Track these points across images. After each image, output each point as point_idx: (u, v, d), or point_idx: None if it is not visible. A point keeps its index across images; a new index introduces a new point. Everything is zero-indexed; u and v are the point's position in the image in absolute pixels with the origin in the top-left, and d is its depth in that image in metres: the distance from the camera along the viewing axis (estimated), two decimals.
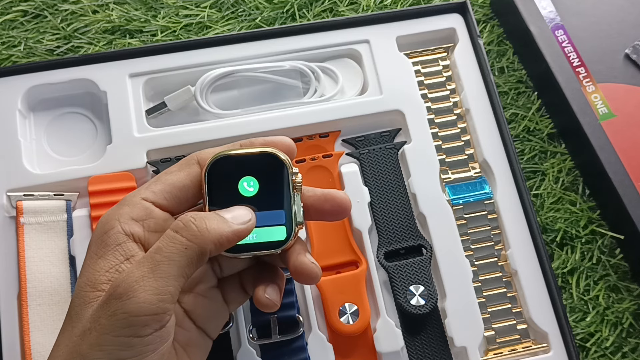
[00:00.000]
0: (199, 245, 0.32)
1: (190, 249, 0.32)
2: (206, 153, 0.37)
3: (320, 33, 0.53)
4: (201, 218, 0.32)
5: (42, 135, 0.51)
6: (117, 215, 0.34)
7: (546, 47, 0.53)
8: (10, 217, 0.46)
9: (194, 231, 0.32)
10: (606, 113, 0.51)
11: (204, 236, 0.32)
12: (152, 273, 0.31)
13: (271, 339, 0.43)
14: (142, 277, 0.30)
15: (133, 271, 0.31)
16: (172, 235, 0.32)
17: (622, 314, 0.48)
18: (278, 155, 0.36)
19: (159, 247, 0.32)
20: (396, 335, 0.45)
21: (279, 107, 0.51)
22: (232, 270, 0.38)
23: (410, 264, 0.46)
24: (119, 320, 0.30)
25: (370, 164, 0.49)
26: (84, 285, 0.33)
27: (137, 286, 0.30)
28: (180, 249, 0.31)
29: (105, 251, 0.33)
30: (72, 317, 0.32)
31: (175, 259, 0.31)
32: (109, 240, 0.33)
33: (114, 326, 0.30)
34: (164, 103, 0.50)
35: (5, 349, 0.43)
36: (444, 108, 0.52)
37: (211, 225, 0.32)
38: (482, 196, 0.49)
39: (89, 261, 0.33)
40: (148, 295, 0.30)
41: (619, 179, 0.48)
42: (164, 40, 0.55)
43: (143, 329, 0.30)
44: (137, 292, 0.30)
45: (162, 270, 0.31)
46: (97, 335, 0.30)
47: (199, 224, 0.32)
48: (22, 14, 0.57)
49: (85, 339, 0.31)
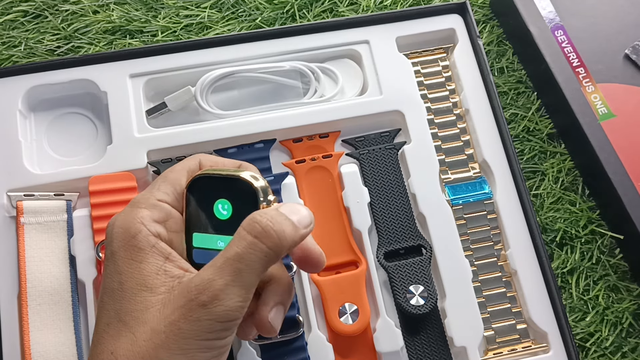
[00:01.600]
0: (277, 254, 0.32)
1: (269, 257, 0.32)
2: (207, 159, 0.38)
3: (320, 33, 0.53)
4: (278, 223, 0.32)
5: (43, 136, 0.51)
6: (139, 218, 0.34)
7: (546, 48, 0.53)
8: (10, 217, 0.46)
9: (274, 238, 0.32)
10: (606, 113, 0.51)
11: (282, 244, 0.32)
12: (235, 282, 0.31)
13: (271, 339, 0.43)
14: (226, 285, 0.31)
15: (214, 279, 0.31)
16: (252, 242, 0.32)
17: (621, 313, 0.48)
18: (250, 182, 0.35)
19: (239, 254, 0.32)
20: (396, 335, 0.45)
21: (279, 107, 0.51)
22: None
23: (410, 264, 0.46)
24: (204, 325, 0.31)
25: (370, 164, 0.50)
26: (139, 291, 0.32)
27: (224, 295, 0.31)
28: (260, 256, 0.32)
29: (144, 255, 0.33)
30: (127, 322, 0.32)
31: (256, 267, 0.32)
32: (141, 244, 0.33)
33: (198, 331, 0.31)
34: (164, 103, 0.50)
35: (5, 349, 0.43)
36: (443, 108, 0.52)
37: (286, 232, 0.33)
38: (481, 196, 0.49)
39: (127, 267, 0.33)
40: (234, 303, 0.31)
41: (619, 179, 0.48)
42: (164, 40, 0.55)
43: (225, 332, 0.31)
44: (223, 300, 0.31)
45: (244, 278, 0.31)
46: (177, 339, 0.31)
47: (277, 229, 0.32)
48: (23, 14, 0.57)
49: (158, 344, 0.31)
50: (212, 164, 0.39)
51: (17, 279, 0.45)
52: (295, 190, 0.48)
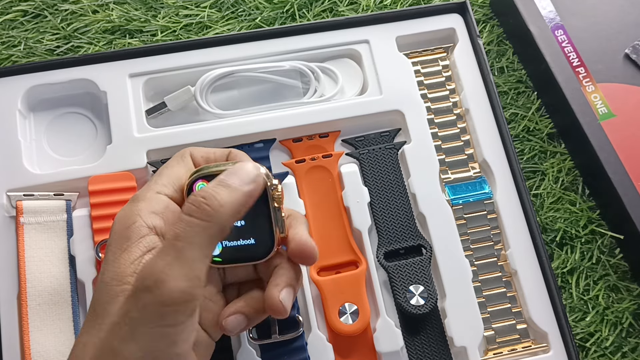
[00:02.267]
0: (217, 224, 0.32)
1: (209, 229, 0.31)
2: (197, 151, 0.38)
3: (320, 33, 0.53)
4: (211, 195, 0.32)
5: (42, 135, 0.51)
6: (137, 210, 0.34)
7: (546, 47, 0.53)
8: (10, 217, 0.46)
9: (208, 211, 0.32)
10: (606, 113, 0.51)
11: (220, 212, 0.32)
12: (177, 260, 0.30)
13: (271, 339, 0.43)
14: (167, 265, 0.30)
15: (157, 262, 0.31)
16: (188, 220, 0.31)
17: (621, 313, 0.48)
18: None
19: (177, 233, 0.31)
20: (396, 335, 0.45)
21: (278, 107, 0.51)
22: (233, 279, 0.39)
23: (410, 264, 0.46)
24: (151, 312, 0.30)
25: (370, 164, 0.50)
26: (110, 280, 0.32)
27: (165, 276, 0.30)
28: (198, 231, 0.31)
29: (129, 244, 0.33)
30: (97, 313, 0.32)
31: (196, 242, 0.31)
32: (132, 234, 0.33)
33: (147, 318, 0.30)
34: (164, 103, 0.50)
35: (5, 349, 0.43)
36: (443, 108, 0.52)
37: (223, 199, 0.32)
38: (481, 196, 0.49)
39: (111, 257, 0.33)
40: (178, 283, 0.30)
41: (619, 179, 0.48)
42: (164, 40, 0.55)
43: (176, 317, 0.30)
44: (165, 282, 0.30)
45: (186, 256, 0.31)
46: (129, 328, 0.30)
47: (210, 202, 0.32)
48: (22, 13, 0.57)
49: (115, 334, 0.31)
50: (203, 154, 0.39)
51: (16, 279, 0.45)
52: (295, 190, 0.48)
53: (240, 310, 0.36)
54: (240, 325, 0.36)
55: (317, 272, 0.46)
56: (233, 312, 0.36)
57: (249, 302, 0.37)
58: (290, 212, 0.39)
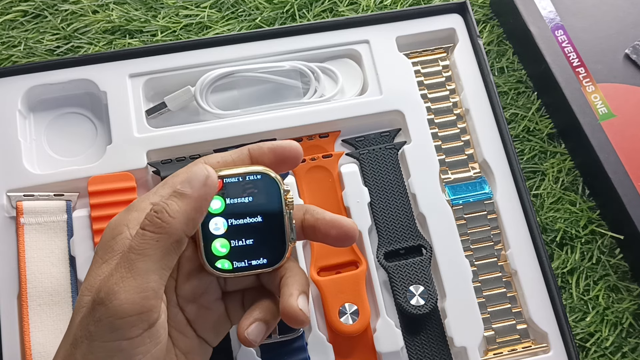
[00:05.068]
0: (170, 235, 0.31)
1: (162, 241, 0.31)
2: (213, 158, 0.36)
3: (320, 33, 0.53)
4: (161, 208, 0.32)
5: (42, 136, 0.51)
6: (126, 220, 0.33)
7: (546, 47, 0.53)
8: (10, 217, 0.46)
9: (160, 224, 0.31)
10: (606, 113, 0.51)
11: (172, 224, 0.31)
12: (129, 272, 0.30)
13: (271, 339, 0.43)
14: (120, 278, 0.30)
15: (112, 274, 0.31)
16: (141, 233, 0.31)
17: (622, 314, 0.48)
18: (269, 174, 0.35)
19: (132, 246, 0.31)
20: (396, 335, 0.45)
21: (278, 107, 0.51)
22: (236, 287, 0.38)
23: (410, 264, 0.46)
24: (105, 325, 0.30)
25: (370, 164, 0.50)
26: (83, 290, 0.32)
27: (117, 288, 0.30)
28: (152, 243, 0.31)
29: (111, 256, 0.32)
30: (70, 326, 0.32)
31: (149, 254, 0.31)
32: (116, 246, 0.33)
33: (101, 332, 0.30)
34: (164, 103, 0.50)
35: (5, 349, 0.43)
36: (443, 108, 0.52)
37: (173, 211, 0.32)
38: (481, 196, 0.49)
39: (93, 266, 0.33)
40: (130, 295, 0.30)
41: (619, 179, 0.48)
42: (164, 40, 0.55)
43: (131, 330, 0.30)
44: (117, 293, 0.30)
45: (139, 267, 0.30)
46: (88, 343, 0.30)
47: (161, 215, 0.32)
48: (22, 14, 0.57)
49: (77, 348, 0.31)
50: (219, 159, 0.37)
51: (17, 279, 0.45)
52: (296, 190, 0.48)
53: (258, 317, 0.35)
54: (261, 333, 0.35)
55: (317, 272, 0.46)
56: (252, 322, 0.35)
57: (262, 308, 0.36)
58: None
